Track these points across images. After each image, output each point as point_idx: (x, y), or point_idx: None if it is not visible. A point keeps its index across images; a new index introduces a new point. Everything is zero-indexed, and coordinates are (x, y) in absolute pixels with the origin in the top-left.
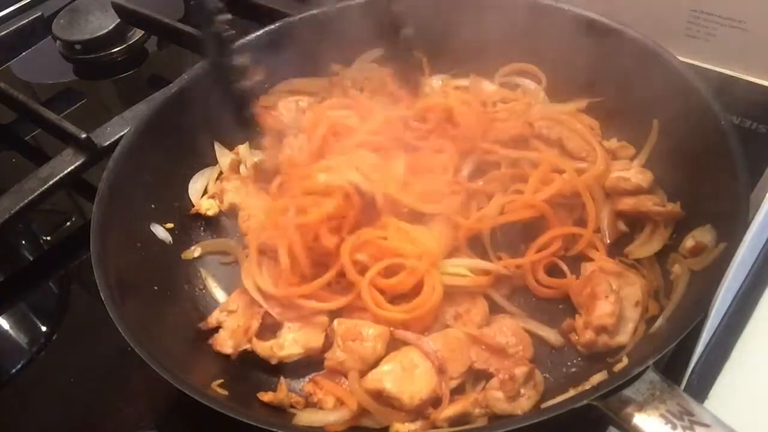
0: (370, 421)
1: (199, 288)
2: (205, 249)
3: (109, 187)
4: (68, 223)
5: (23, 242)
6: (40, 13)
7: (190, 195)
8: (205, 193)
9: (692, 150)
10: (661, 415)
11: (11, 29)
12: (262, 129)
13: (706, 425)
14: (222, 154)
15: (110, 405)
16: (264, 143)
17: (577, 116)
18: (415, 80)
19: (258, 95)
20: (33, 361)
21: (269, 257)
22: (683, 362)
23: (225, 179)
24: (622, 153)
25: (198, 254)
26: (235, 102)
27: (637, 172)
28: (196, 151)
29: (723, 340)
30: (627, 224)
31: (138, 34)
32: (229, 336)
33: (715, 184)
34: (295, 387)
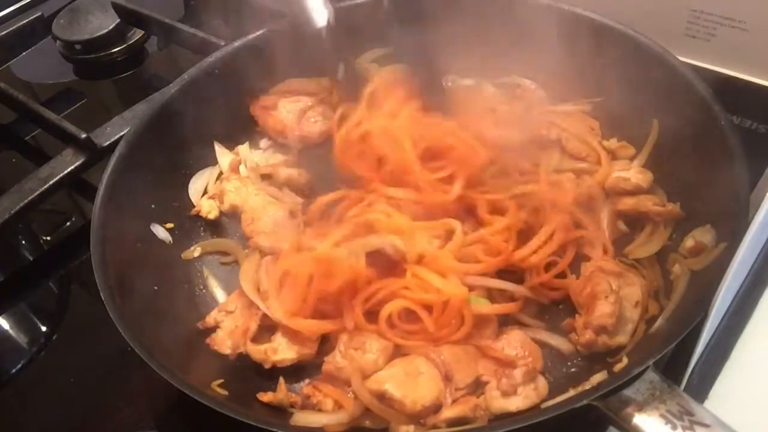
0: (370, 423)
1: (199, 288)
2: (205, 249)
3: (109, 187)
4: (68, 223)
5: (23, 242)
6: (40, 13)
7: (190, 195)
8: (205, 194)
9: (692, 150)
10: (661, 415)
11: (11, 29)
12: (263, 129)
13: (706, 425)
14: (222, 154)
15: (110, 405)
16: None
17: (577, 116)
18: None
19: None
20: (33, 361)
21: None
22: (683, 362)
23: (225, 180)
24: (622, 153)
25: (198, 254)
26: None
27: (637, 172)
28: (196, 151)
29: (723, 340)
30: (627, 224)
31: (138, 34)
32: (227, 336)
33: (715, 184)
34: (295, 387)
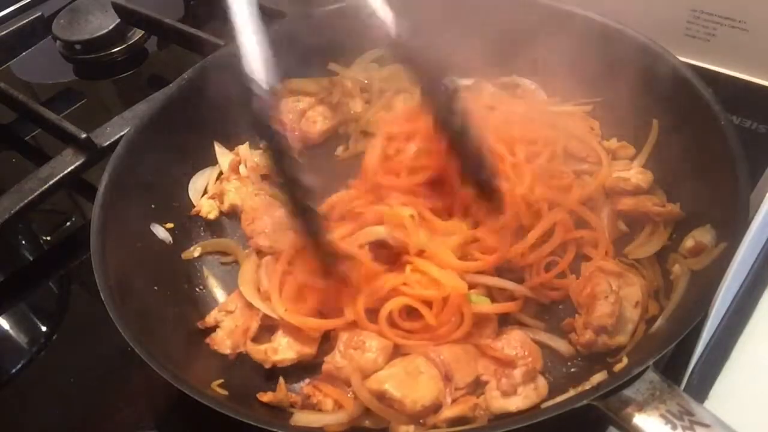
0: (370, 423)
1: (199, 288)
2: (205, 249)
3: (109, 187)
4: (68, 223)
5: (23, 242)
6: (40, 13)
7: (190, 195)
8: (205, 193)
9: (692, 150)
10: (661, 415)
11: (11, 29)
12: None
13: (706, 425)
14: (222, 154)
15: (110, 405)
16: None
17: (577, 116)
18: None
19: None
20: (33, 361)
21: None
22: (683, 362)
23: (225, 179)
24: (622, 153)
25: (198, 254)
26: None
27: (637, 172)
28: (196, 151)
29: (723, 340)
30: (627, 224)
31: (138, 34)
32: (227, 336)
33: (715, 184)
34: (295, 387)
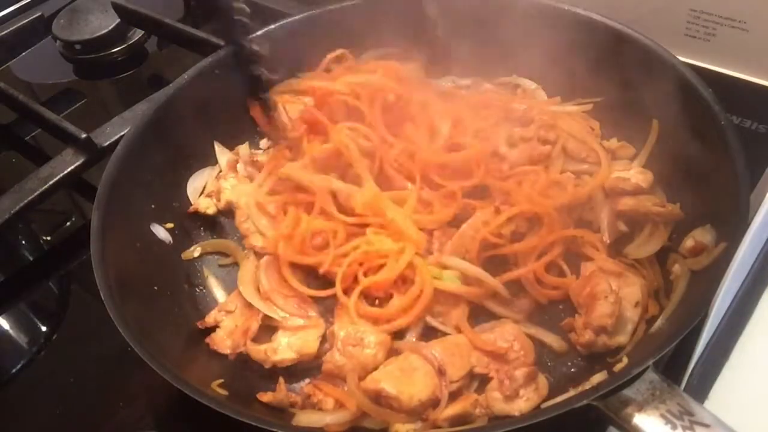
0: (370, 422)
1: (199, 288)
2: (205, 249)
3: (109, 187)
4: (68, 223)
5: (23, 242)
6: (40, 13)
7: (189, 194)
8: (203, 192)
9: (692, 150)
10: (661, 415)
11: (11, 29)
12: (261, 129)
13: (706, 425)
14: (222, 154)
15: (110, 405)
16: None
17: (577, 117)
18: None
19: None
20: (33, 361)
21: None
22: (683, 362)
23: (222, 177)
24: (622, 153)
25: (198, 254)
26: (252, 85)
27: (637, 173)
28: (196, 151)
29: (723, 340)
30: (627, 224)
31: (138, 34)
32: (227, 336)
33: (715, 184)
34: (295, 387)
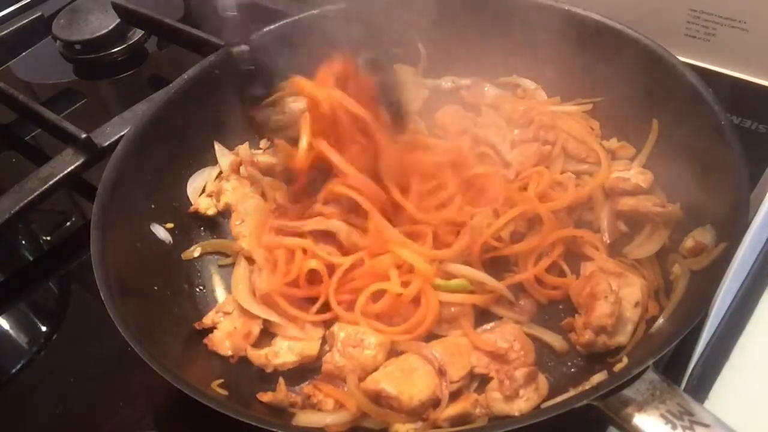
0: (370, 422)
1: (199, 288)
2: (205, 249)
3: (109, 188)
4: (68, 223)
5: (23, 242)
6: (40, 13)
7: (189, 194)
8: (203, 192)
9: (692, 150)
10: (661, 415)
11: (11, 29)
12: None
13: (706, 425)
14: (222, 154)
15: (110, 405)
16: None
17: (577, 117)
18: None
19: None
20: (33, 361)
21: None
22: (683, 362)
23: (224, 179)
24: (622, 153)
25: (198, 254)
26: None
27: (638, 173)
28: (196, 151)
29: (723, 340)
30: (627, 224)
31: (138, 34)
32: (226, 337)
33: (715, 184)
34: (295, 387)
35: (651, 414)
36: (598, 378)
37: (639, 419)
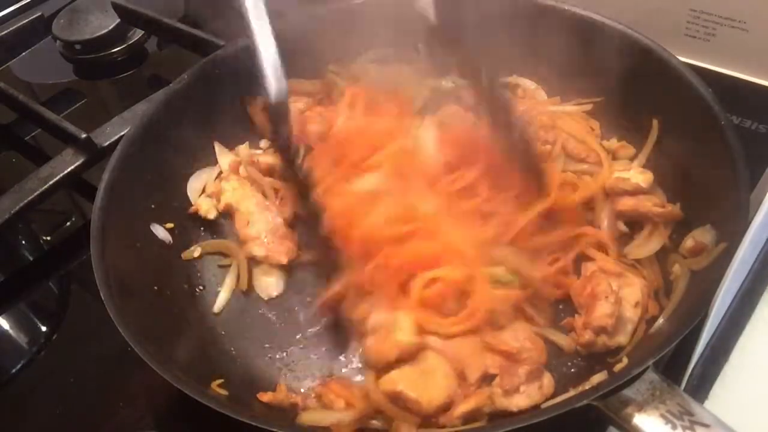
0: (378, 422)
1: (199, 288)
2: (205, 249)
3: (109, 187)
4: (68, 223)
5: (23, 242)
6: (40, 13)
7: (189, 194)
8: (203, 192)
9: (692, 150)
10: (661, 415)
11: (11, 29)
12: (261, 130)
13: (706, 425)
14: (222, 154)
15: (110, 405)
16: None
17: (577, 117)
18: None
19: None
20: (33, 361)
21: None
22: (683, 362)
23: (224, 179)
24: (622, 153)
25: (198, 254)
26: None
27: (637, 173)
28: (196, 151)
29: (723, 340)
30: (627, 224)
31: (138, 34)
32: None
33: (715, 184)
34: (296, 387)
35: (651, 414)
36: (598, 378)
37: (639, 419)
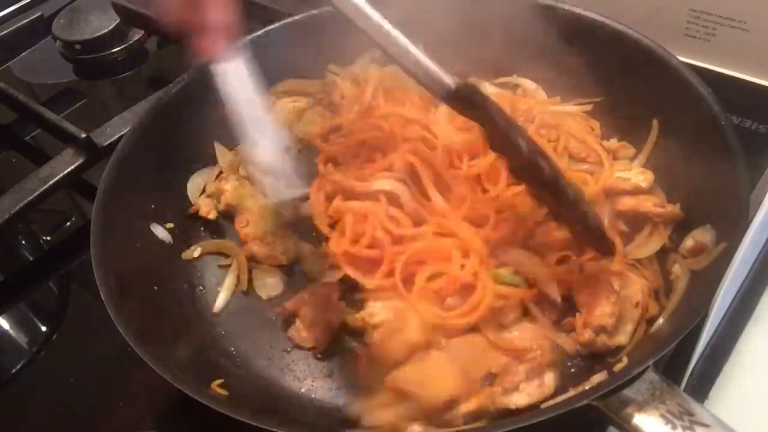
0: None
1: (199, 288)
2: (205, 249)
3: (109, 187)
4: (68, 223)
5: (23, 242)
6: (40, 13)
7: (189, 194)
8: (203, 192)
9: (692, 150)
10: (661, 415)
11: (11, 29)
12: None
13: (706, 425)
14: (222, 154)
15: (110, 405)
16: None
17: (577, 117)
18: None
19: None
20: (33, 361)
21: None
22: (683, 362)
23: (224, 179)
24: (622, 153)
25: (198, 254)
26: None
27: (638, 173)
28: (196, 151)
29: (723, 340)
30: (627, 224)
31: (138, 34)
32: (306, 328)
33: (715, 184)
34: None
35: (651, 414)
36: (598, 378)
37: (639, 419)
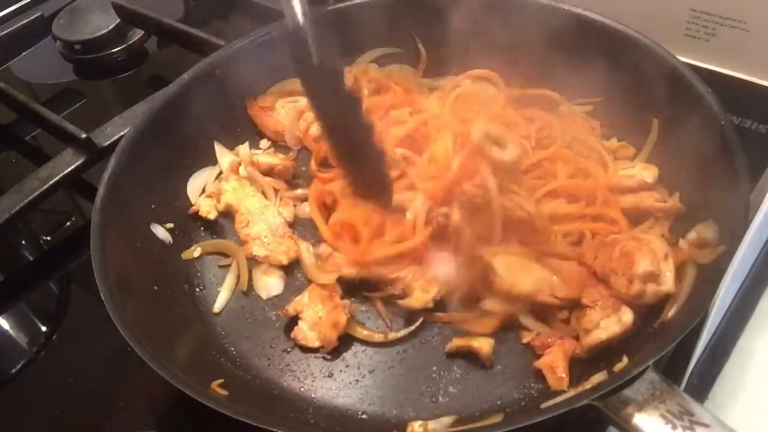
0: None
1: (199, 288)
2: (205, 249)
3: (109, 187)
4: (68, 223)
5: (23, 242)
6: (40, 13)
7: (189, 194)
8: (203, 192)
9: (692, 150)
10: (661, 415)
11: (11, 29)
12: (261, 130)
13: (706, 425)
14: (222, 154)
15: (110, 405)
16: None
17: (577, 117)
18: None
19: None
20: (33, 361)
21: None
22: (683, 362)
23: (224, 179)
24: (622, 153)
25: (198, 254)
26: None
27: (642, 168)
28: (196, 151)
29: (723, 340)
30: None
31: (138, 34)
32: (310, 328)
33: (715, 185)
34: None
35: (651, 414)
36: (598, 378)
37: (639, 419)
